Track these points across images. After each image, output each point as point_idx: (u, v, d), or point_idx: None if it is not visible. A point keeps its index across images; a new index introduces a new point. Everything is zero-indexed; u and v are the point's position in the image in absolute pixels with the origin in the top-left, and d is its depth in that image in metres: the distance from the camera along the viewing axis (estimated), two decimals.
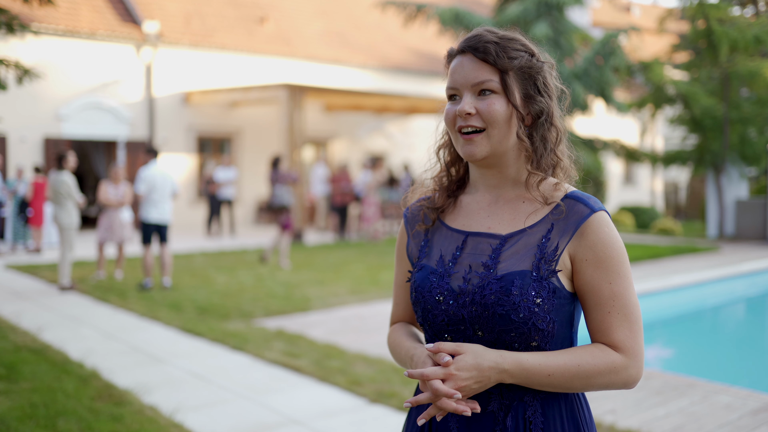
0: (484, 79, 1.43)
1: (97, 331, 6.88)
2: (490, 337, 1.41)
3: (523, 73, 1.45)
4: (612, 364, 1.38)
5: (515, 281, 1.38)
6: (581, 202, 1.43)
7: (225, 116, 18.89)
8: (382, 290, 9.12)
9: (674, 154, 18.15)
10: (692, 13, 16.29)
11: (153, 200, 9.07)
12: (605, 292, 1.40)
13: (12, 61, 6.37)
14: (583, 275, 1.41)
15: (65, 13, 16.40)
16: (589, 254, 1.40)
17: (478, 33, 1.48)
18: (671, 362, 7.17)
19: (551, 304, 1.39)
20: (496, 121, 1.43)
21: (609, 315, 1.40)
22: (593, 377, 1.38)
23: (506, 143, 1.45)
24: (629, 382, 1.40)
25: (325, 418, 4.46)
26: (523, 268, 1.40)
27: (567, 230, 1.42)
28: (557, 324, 1.41)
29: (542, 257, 1.41)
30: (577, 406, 1.47)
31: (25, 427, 4.14)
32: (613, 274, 1.40)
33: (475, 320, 1.42)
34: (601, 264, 1.40)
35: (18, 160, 15.51)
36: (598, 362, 1.38)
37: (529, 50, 1.47)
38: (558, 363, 1.37)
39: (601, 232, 1.40)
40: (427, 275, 1.51)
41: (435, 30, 18.44)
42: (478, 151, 1.44)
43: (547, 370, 1.36)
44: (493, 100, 1.43)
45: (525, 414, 1.42)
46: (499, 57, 1.43)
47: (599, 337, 1.42)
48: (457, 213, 1.57)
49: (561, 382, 1.37)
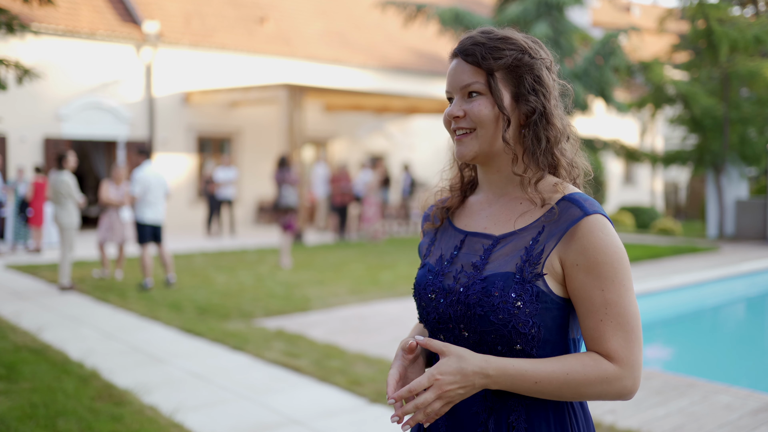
0: (470, 82, 1.45)
1: (97, 331, 6.88)
2: (474, 337, 1.41)
3: (512, 71, 1.44)
4: (604, 373, 1.33)
5: (497, 282, 1.38)
6: (576, 204, 1.39)
7: (225, 116, 18.89)
8: (382, 290, 9.12)
9: (674, 154, 18.15)
10: (692, 13, 16.30)
11: (148, 201, 9.12)
12: (597, 300, 1.35)
13: (12, 61, 6.37)
14: (574, 281, 1.37)
15: (65, 13, 16.40)
16: (580, 259, 1.36)
17: (470, 35, 1.48)
18: (671, 362, 7.18)
19: (534, 308, 1.36)
20: (483, 122, 1.43)
21: (601, 323, 1.35)
22: (583, 387, 1.34)
23: (496, 143, 1.45)
24: (623, 393, 1.35)
25: (325, 418, 4.46)
26: (507, 269, 1.39)
27: (555, 233, 1.39)
28: (543, 329, 1.38)
29: (527, 259, 1.39)
30: (569, 414, 1.43)
31: (25, 427, 4.14)
32: (606, 281, 1.35)
33: (460, 319, 1.42)
34: (592, 270, 1.35)
35: (18, 160, 15.51)
36: (588, 372, 1.33)
37: (520, 48, 1.45)
38: (545, 371, 1.33)
39: (593, 237, 1.36)
40: (425, 273, 1.54)
41: (435, 30, 18.45)
42: (467, 152, 1.46)
43: (533, 378, 1.32)
44: (479, 101, 1.44)
45: (508, 418, 1.40)
46: (484, 59, 1.43)
47: (592, 345, 1.38)
48: (463, 213, 1.59)
49: (549, 390, 1.34)
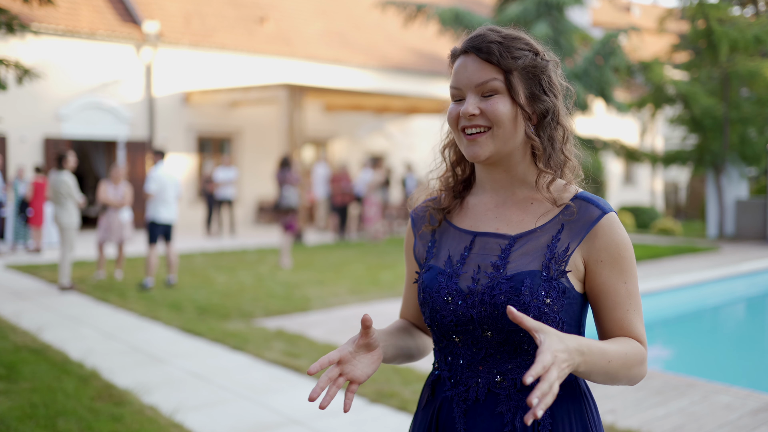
0: (488, 79, 1.41)
1: (97, 331, 6.88)
2: (499, 337, 1.40)
3: (528, 72, 1.43)
4: (642, 356, 1.41)
5: (525, 281, 1.38)
6: (592, 203, 1.43)
7: (225, 116, 18.89)
8: (382, 290, 9.12)
9: (674, 154, 18.15)
10: (692, 13, 16.29)
11: (163, 200, 9.12)
12: (622, 292, 1.42)
13: (12, 61, 6.37)
14: (599, 276, 1.42)
15: (65, 13, 16.40)
16: (603, 255, 1.41)
17: (482, 32, 1.46)
18: (671, 362, 7.17)
19: (561, 305, 1.39)
20: (502, 121, 1.41)
21: (628, 313, 1.43)
22: (632, 367, 1.39)
23: (511, 143, 1.43)
24: (644, 374, 1.44)
25: (325, 418, 4.45)
26: (533, 268, 1.40)
27: (578, 232, 1.42)
28: (566, 324, 1.41)
29: (552, 257, 1.40)
30: (586, 407, 1.46)
31: (25, 427, 4.14)
32: (626, 274, 1.43)
33: (484, 320, 1.41)
34: (616, 264, 1.42)
35: (18, 160, 15.51)
36: (636, 353, 1.40)
37: (534, 49, 1.45)
38: (614, 350, 1.36)
39: (614, 234, 1.41)
40: (435, 276, 1.49)
41: (435, 30, 18.44)
42: (482, 152, 1.43)
43: (607, 356, 1.34)
44: (498, 100, 1.41)
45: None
46: (502, 57, 1.41)
47: (621, 334, 1.44)
48: (464, 214, 1.56)
49: (614, 369, 1.36)
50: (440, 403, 1.51)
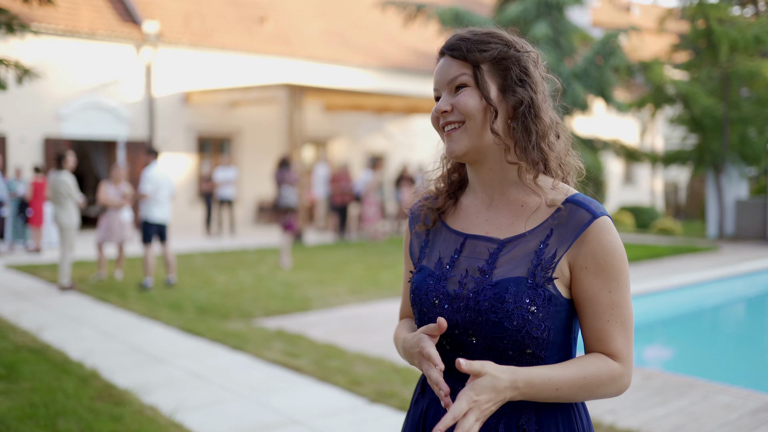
0: (457, 75, 1.44)
1: (97, 331, 6.88)
2: (483, 343, 1.39)
3: (497, 64, 1.44)
4: (613, 373, 1.37)
5: (510, 288, 1.36)
6: (583, 207, 1.40)
7: (225, 116, 18.89)
8: (382, 290, 9.12)
9: (674, 154, 18.15)
10: (692, 13, 16.29)
11: (157, 200, 9.14)
12: (604, 301, 1.38)
13: (12, 61, 6.37)
14: (582, 283, 1.38)
15: (65, 13, 16.40)
16: (589, 262, 1.37)
17: (455, 33, 1.49)
18: (671, 362, 7.18)
19: (546, 312, 1.36)
20: (471, 114, 1.41)
21: (608, 324, 1.38)
22: (596, 388, 1.37)
23: (485, 136, 1.43)
24: (622, 389, 1.40)
25: (325, 418, 4.46)
26: (518, 274, 1.38)
27: (567, 237, 1.39)
28: (553, 331, 1.38)
29: (539, 264, 1.38)
30: (575, 414, 1.45)
31: (25, 427, 4.14)
32: (613, 283, 1.38)
33: (468, 326, 1.39)
34: (601, 272, 1.37)
35: (18, 160, 15.51)
36: (601, 373, 1.36)
37: (505, 41, 1.46)
38: (565, 377, 1.34)
39: (603, 240, 1.37)
40: (424, 277, 1.49)
41: (435, 30, 18.41)
42: (457, 147, 1.44)
43: (555, 385, 1.34)
44: (466, 93, 1.42)
45: (518, 421, 1.40)
46: (470, 51, 1.43)
47: (597, 346, 1.40)
48: (457, 214, 1.55)
49: (567, 394, 1.35)
50: (428, 403, 1.52)
